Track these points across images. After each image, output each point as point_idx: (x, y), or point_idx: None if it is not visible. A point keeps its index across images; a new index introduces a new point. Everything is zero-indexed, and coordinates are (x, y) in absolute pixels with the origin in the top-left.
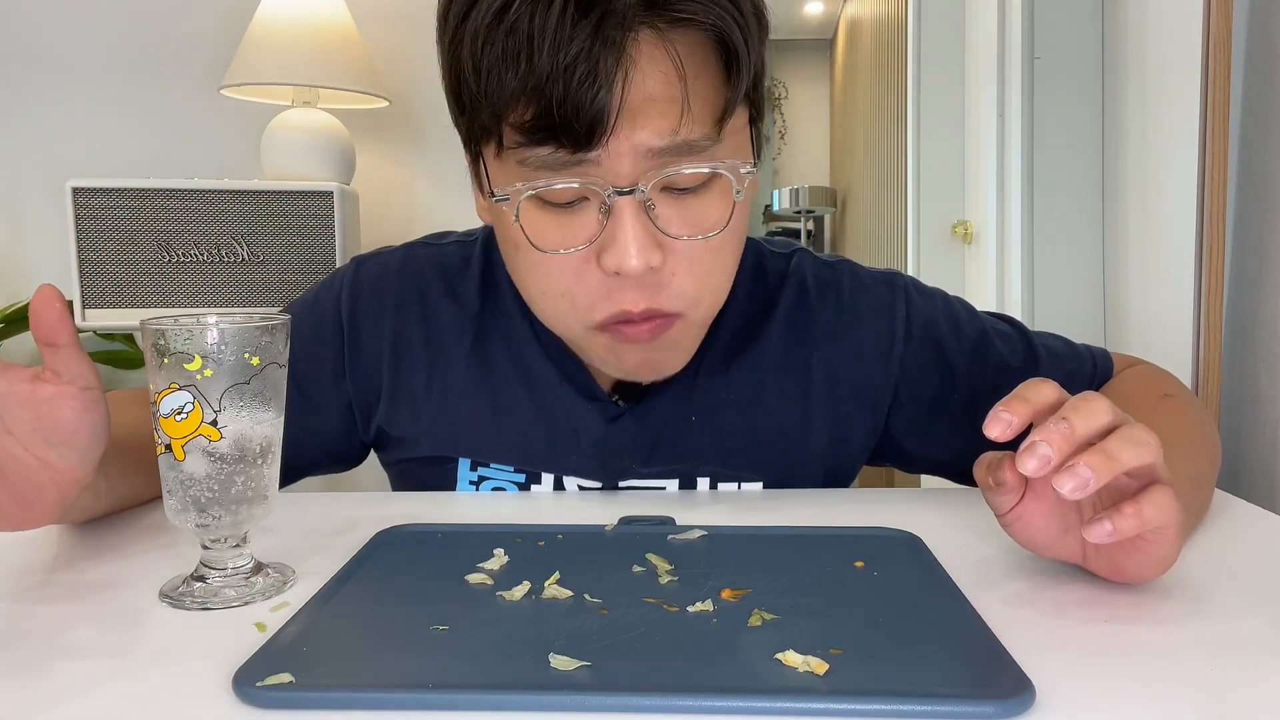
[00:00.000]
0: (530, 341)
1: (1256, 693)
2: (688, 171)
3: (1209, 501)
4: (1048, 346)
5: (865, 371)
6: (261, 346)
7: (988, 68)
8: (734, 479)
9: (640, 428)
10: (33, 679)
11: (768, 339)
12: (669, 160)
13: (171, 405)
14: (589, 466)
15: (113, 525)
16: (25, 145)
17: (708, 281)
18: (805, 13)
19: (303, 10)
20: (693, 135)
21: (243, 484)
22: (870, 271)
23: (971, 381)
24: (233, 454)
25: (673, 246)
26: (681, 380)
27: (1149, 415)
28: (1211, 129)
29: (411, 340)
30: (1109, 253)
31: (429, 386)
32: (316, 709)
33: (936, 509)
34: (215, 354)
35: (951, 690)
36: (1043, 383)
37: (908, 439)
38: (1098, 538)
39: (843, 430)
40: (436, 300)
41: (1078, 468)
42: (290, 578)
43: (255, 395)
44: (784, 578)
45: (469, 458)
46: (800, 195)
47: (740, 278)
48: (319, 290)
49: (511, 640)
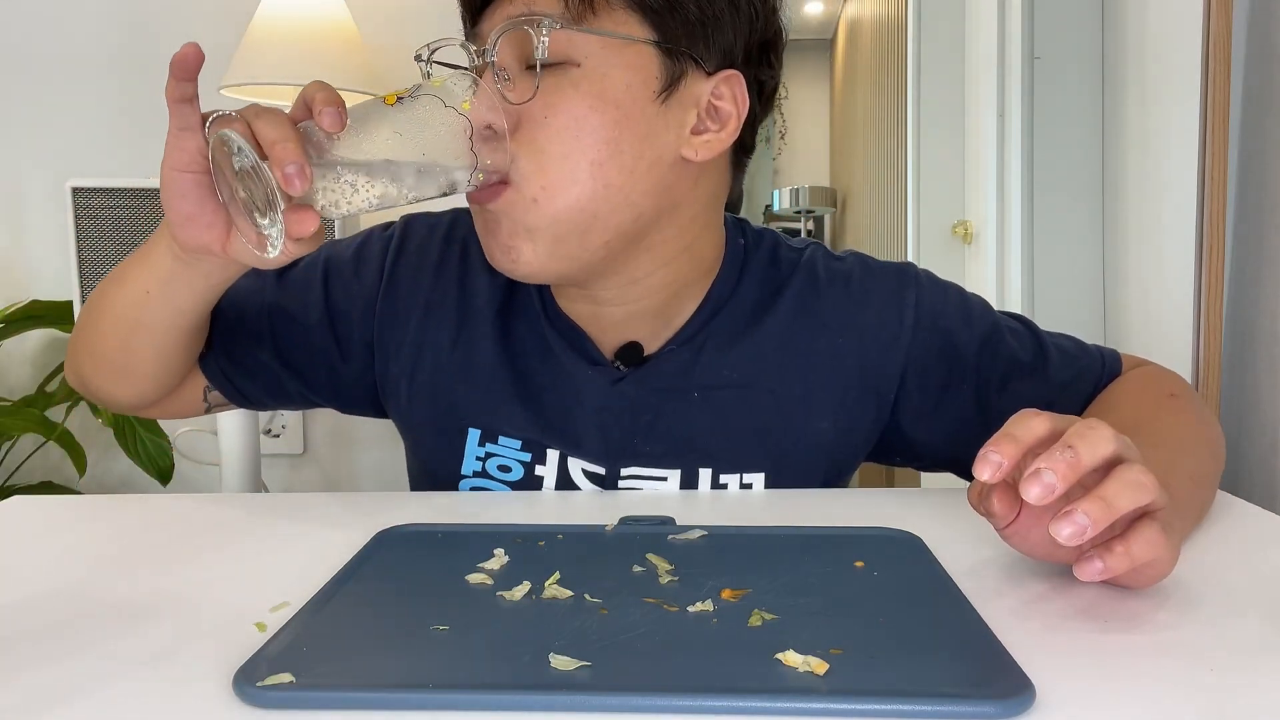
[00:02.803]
0: (540, 313)
1: (1257, 692)
2: (498, 28)
3: (1211, 500)
4: (1058, 345)
5: (872, 359)
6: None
7: (988, 68)
8: (735, 469)
9: (641, 392)
10: (34, 678)
11: (774, 322)
12: (517, 30)
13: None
14: (591, 436)
15: (110, 526)
16: (25, 145)
17: (538, 158)
18: (805, 13)
19: (303, 10)
20: (541, 8)
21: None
22: (882, 263)
23: (980, 374)
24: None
25: (518, 120)
26: (684, 354)
27: (1154, 415)
28: (1211, 129)
29: (446, 300)
30: (1109, 253)
31: (455, 344)
32: (317, 709)
33: (936, 509)
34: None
35: (952, 690)
36: (1033, 415)
37: (914, 429)
38: (1089, 576)
39: (848, 418)
40: (476, 265)
41: (1075, 515)
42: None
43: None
44: (784, 578)
45: (480, 422)
46: (800, 195)
47: (755, 264)
48: (367, 235)
49: (512, 640)
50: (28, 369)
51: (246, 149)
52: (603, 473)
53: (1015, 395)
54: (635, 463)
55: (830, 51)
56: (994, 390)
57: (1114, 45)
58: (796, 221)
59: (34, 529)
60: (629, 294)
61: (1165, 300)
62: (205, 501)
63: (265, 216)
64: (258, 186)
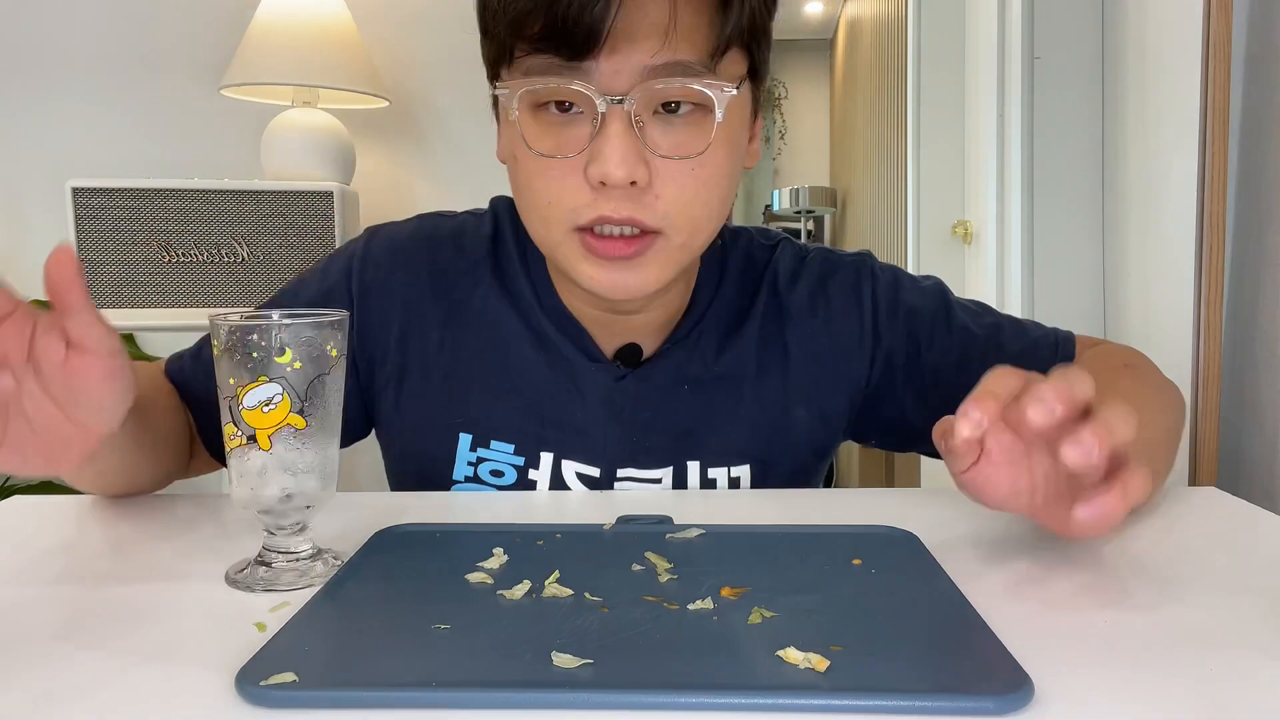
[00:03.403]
0: (535, 308)
1: (1254, 690)
2: (676, 87)
3: (1173, 461)
4: (1012, 319)
5: (840, 347)
6: (338, 340)
7: (988, 68)
8: (723, 462)
9: (642, 389)
10: (35, 678)
11: (752, 322)
12: (661, 78)
13: (259, 397)
14: (592, 431)
15: (110, 525)
16: (25, 145)
17: (689, 210)
18: (805, 13)
19: (303, 10)
20: (683, 56)
21: (318, 468)
22: (840, 255)
23: (937, 350)
24: (314, 440)
25: (658, 168)
26: (678, 354)
27: (1111, 381)
28: (1211, 129)
29: (423, 299)
30: (1109, 253)
31: (440, 344)
32: (320, 708)
33: (933, 508)
34: (306, 347)
35: (952, 686)
36: (1007, 372)
37: (884, 408)
38: (1090, 517)
39: (822, 405)
40: (447, 260)
41: (1083, 437)
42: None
43: (333, 384)
44: (783, 576)
45: (475, 424)
46: (800, 195)
47: (734, 265)
48: (330, 259)
49: (513, 639)
50: None
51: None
52: (597, 475)
53: (969, 368)
54: (630, 464)
55: (830, 51)
56: (950, 365)
57: (1114, 45)
58: (796, 221)
59: (34, 529)
60: (653, 303)
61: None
62: (206, 501)
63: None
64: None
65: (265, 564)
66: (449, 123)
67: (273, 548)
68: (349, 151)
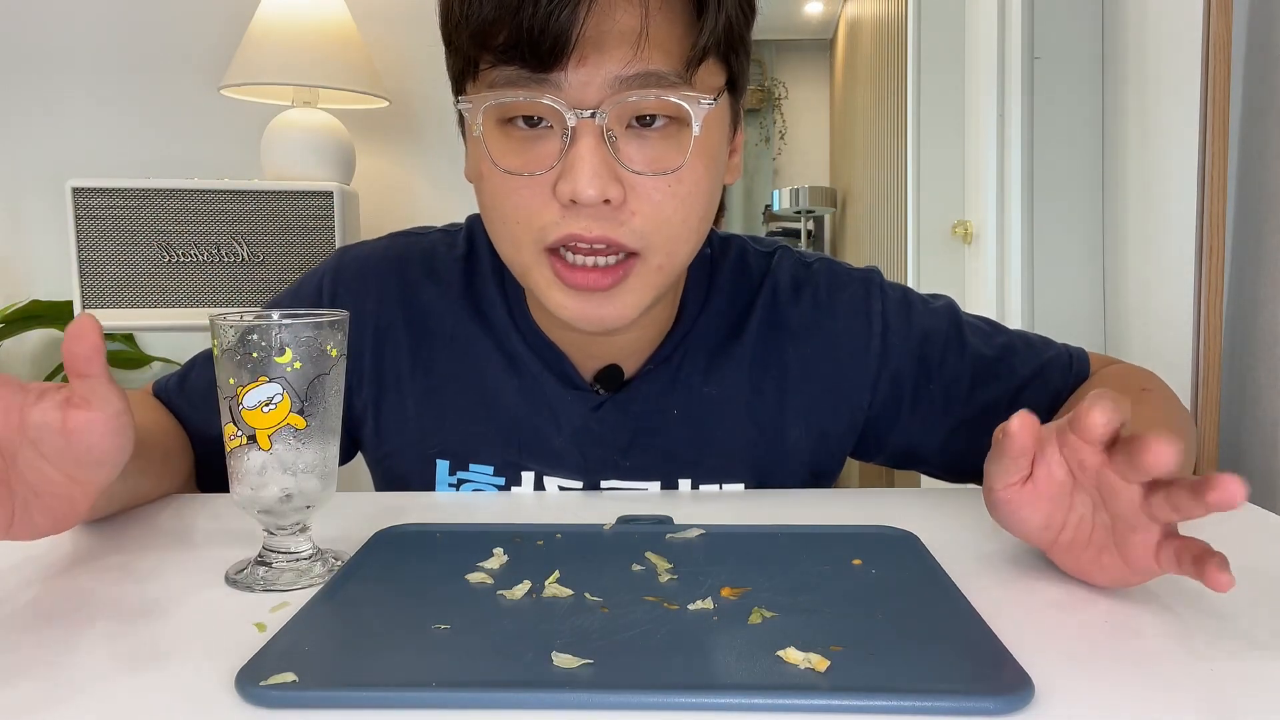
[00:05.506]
0: (510, 330)
1: (1255, 690)
2: (649, 99)
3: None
4: (1023, 339)
5: (843, 368)
6: (337, 340)
7: (988, 68)
8: (715, 480)
9: (622, 416)
10: (35, 678)
11: (747, 336)
12: (633, 90)
13: (259, 397)
14: (570, 456)
15: (111, 525)
16: (25, 145)
17: (667, 229)
18: (805, 13)
19: (303, 10)
20: (656, 66)
21: (318, 468)
22: (848, 269)
23: (947, 373)
24: (314, 440)
25: (633, 185)
26: (663, 374)
27: (1135, 410)
28: (1211, 129)
29: (394, 323)
30: (1109, 253)
31: (414, 368)
32: (321, 708)
33: (934, 508)
34: (306, 347)
35: (953, 686)
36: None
37: (889, 432)
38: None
39: (822, 426)
40: (418, 282)
41: (1225, 482)
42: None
43: (333, 384)
44: (783, 576)
45: (451, 450)
46: (800, 195)
47: (724, 276)
48: (303, 280)
49: (514, 639)
50: (28, 369)
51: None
52: (580, 486)
53: (982, 391)
54: (615, 475)
55: (830, 51)
56: (962, 388)
57: (1114, 45)
58: (796, 221)
59: None
60: (636, 324)
61: (1165, 300)
62: (206, 501)
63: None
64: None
65: (265, 564)
66: (449, 123)
67: (273, 548)
68: (349, 151)
